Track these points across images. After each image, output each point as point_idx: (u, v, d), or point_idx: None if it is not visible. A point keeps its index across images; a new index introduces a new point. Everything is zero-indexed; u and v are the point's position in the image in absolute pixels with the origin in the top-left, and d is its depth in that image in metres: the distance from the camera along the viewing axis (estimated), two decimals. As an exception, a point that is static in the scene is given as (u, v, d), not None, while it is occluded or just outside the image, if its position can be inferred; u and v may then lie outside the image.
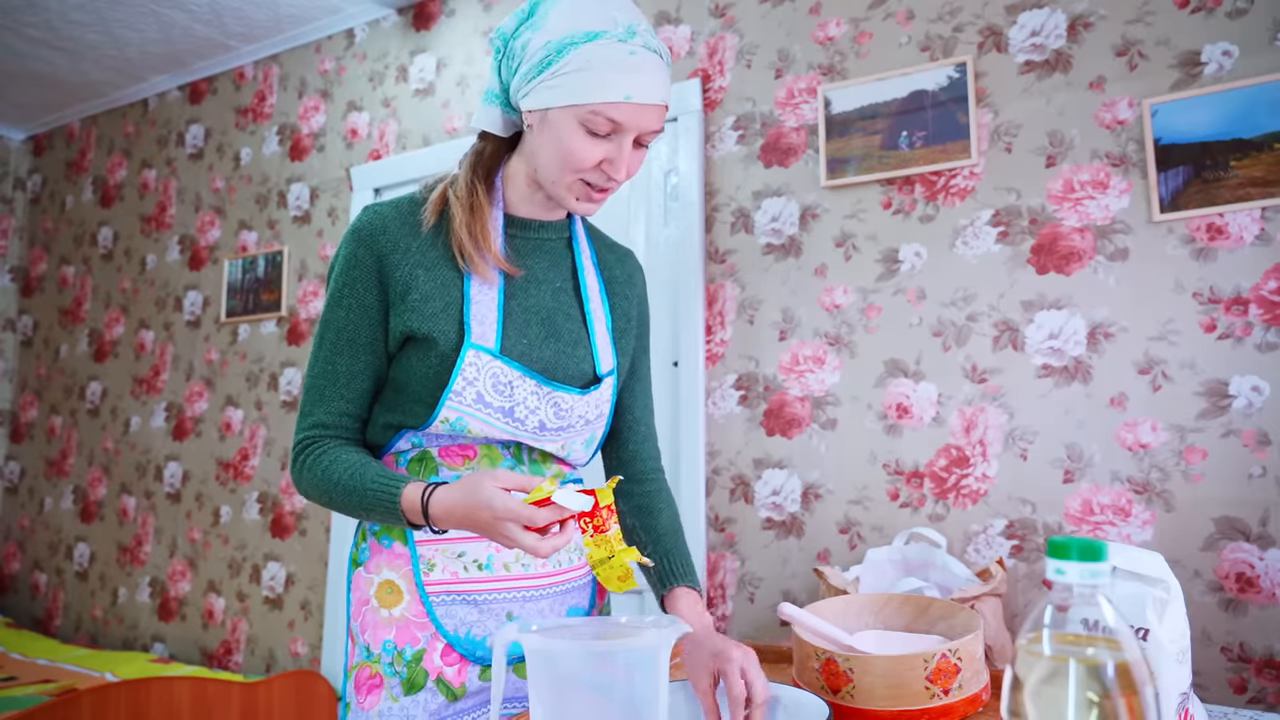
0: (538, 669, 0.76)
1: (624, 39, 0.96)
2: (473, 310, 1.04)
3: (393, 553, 1.07)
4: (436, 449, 1.08)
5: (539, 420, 1.07)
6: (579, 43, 0.95)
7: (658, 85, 0.98)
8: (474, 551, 1.07)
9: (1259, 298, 1.68)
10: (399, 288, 1.04)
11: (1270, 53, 1.71)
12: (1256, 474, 1.66)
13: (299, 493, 1.10)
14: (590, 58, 0.95)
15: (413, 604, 1.06)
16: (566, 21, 0.96)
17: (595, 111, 0.96)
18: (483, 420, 1.04)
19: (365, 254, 1.05)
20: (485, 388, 1.03)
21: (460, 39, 2.87)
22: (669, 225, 2.40)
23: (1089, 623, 0.54)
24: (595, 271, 1.18)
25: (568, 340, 1.11)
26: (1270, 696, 1.61)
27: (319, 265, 3.10)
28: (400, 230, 1.06)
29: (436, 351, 1.03)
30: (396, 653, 1.05)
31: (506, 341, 1.06)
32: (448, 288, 1.05)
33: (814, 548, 2.08)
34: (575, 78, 0.95)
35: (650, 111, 0.98)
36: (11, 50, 3.37)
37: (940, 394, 1.97)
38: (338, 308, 1.06)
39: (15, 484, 4.05)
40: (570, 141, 0.98)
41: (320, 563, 2.91)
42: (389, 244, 1.05)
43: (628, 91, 0.95)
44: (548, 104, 0.98)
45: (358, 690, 1.05)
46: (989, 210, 1.96)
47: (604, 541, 0.93)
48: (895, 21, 2.12)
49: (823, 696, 0.98)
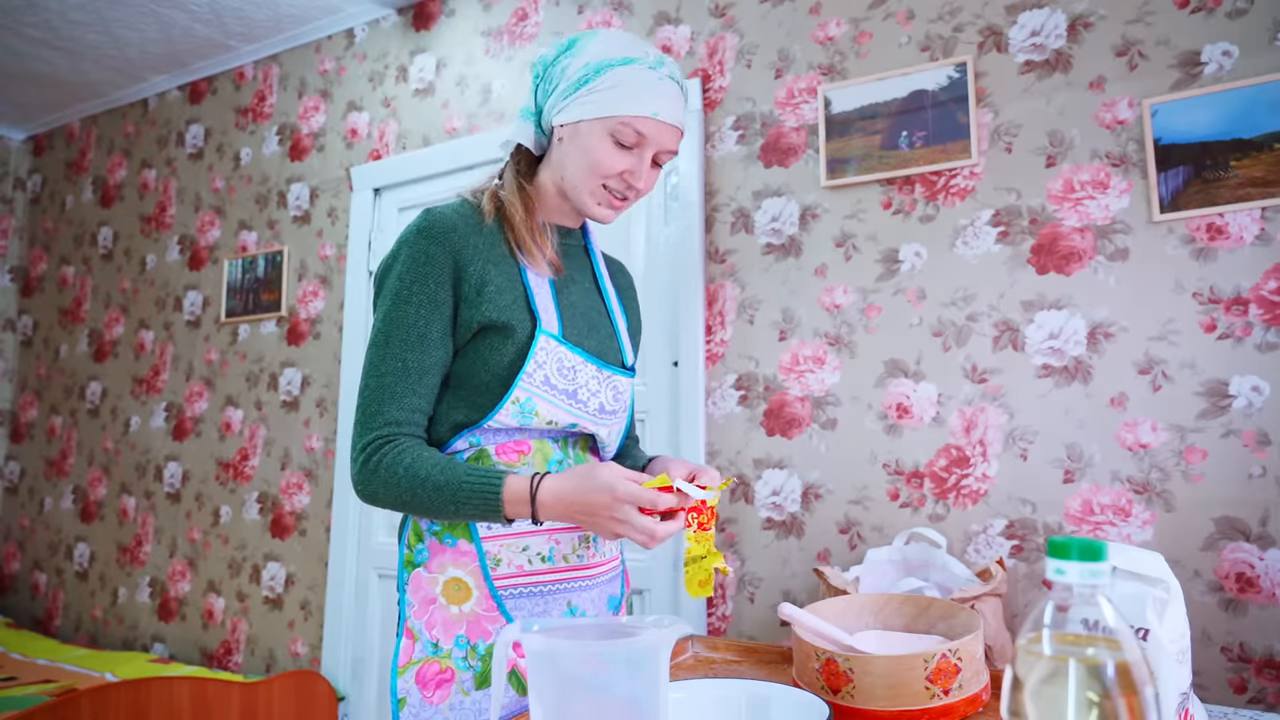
0: (538, 669, 0.76)
1: (654, 67, 1.10)
2: (537, 300, 1.13)
3: (458, 550, 1.11)
4: (494, 446, 1.13)
5: (599, 403, 1.17)
6: (615, 65, 1.09)
7: (678, 111, 1.12)
8: (537, 545, 1.12)
9: (1259, 298, 1.68)
10: (474, 281, 1.10)
11: (1270, 53, 1.71)
12: (1256, 474, 1.66)
13: (362, 495, 1.08)
14: (623, 77, 1.09)
15: (482, 599, 1.10)
16: (604, 49, 1.11)
17: (625, 123, 1.09)
18: (550, 402, 1.12)
19: (439, 251, 1.09)
20: (552, 371, 1.11)
21: (460, 39, 2.87)
22: (669, 225, 2.39)
23: (1089, 623, 0.54)
24: (609, 277, 1.31)
25: (605, 334, 1.22)
26: (1270, 696, 1.61)
27: (319, 265, 3.10)
28: (466, 229, 1.12)
29: (514, 339, 1.10)
30: (470, 647, 1.09)
31: (566, 329, 1.16)
32: (514, 282, 1.13)
33: (814, 548, 2.08)
34: (609, 93, 1.09)
35: (671, 131, 1.12)
36: (11, 50, 3.37)
37: (940, 394, 1.97)
38: (406, 305, 1.09)
39: (15, 484, 4.05)
40: (598, 150, 1.11)
41: (320, 563, 2.91)
42: (460, 241, 1.11)
43: (655, 109, 1.09)
44: (581, 116, 1.10)
45: (423, 686, 1.08)
46: (989, 210, 1.96)
47: (704, 539, 1.00)
48: (895, 21, 2.12)
49: (823, 696, 0.98)
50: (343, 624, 2.80)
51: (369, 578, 2.81)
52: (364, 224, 2.98)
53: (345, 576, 2.81)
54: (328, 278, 3.07)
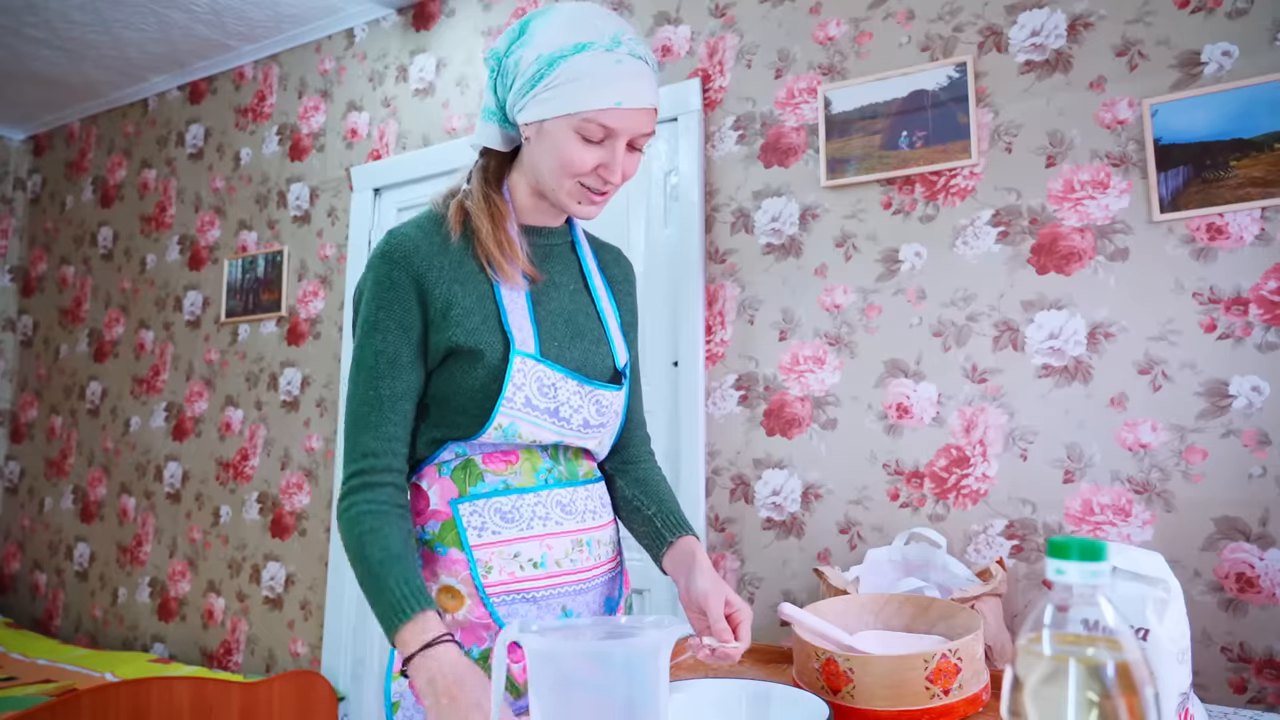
0: (538, 669, 0.76)
1: (610, 48, 1.01)
2: (510, 318, 1.08)
3: (449, 559, 1.09)
4: (480, 456, 1.11)
5: (583, 418, 1.13)
6: (568, 55, 1.00)
7: (645, 90, 1.03)
8: (528, 551, 1.10)
9: (1259, 298, 1.68)
10: (440, 305, 1.06)
11: (1270, 53, 1.71)
12: (1256, 474, 1.66)
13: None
14: (579, 68, 1.00)
15: (475, 606, 1.08)
16: (555, 36, 1.01)
17: (588, 119, 1.01)
18: (532, 423, 1.08)
19: (401, 275, 1.06)
20: (532, 391, 1.08)
21: (460, 39, 2.87)
22: (669, 225, 2.39)
23: (1089, 623, 0.54)
24: (599, 272, 1.24)
25: (591, 339, 1.16)
26: (1270, 696, 1.61)
27: (319, 265, 3.10)
28: (430, 249, 1.08)
29: (484, 363, 1.06)
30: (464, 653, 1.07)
31: (543, 345, 1.11)
32: (483, 300, 1.08)
33: (814, 548, 2.08)
34: (567, 88, 1.00)
35: (640, 115, 1.04)
36: (11, 50, 3.37)
37: (940, 394, 1.97)
38: (374, 333, 1.06)
39: (15, 484, 4.05)
40: (566, 149, 1.03)
41: (320, 563, 2.91)
42: (423, 263, 1.06)
43: (617, 98, 1.01)
44: (542, 115, 1.03)
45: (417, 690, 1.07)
46: (989, 210, 1.96)
47: None
48: (895, 21, 2.12)
49: (823, 696, 0.98)
50: (343, 624, 2.80)
51: (369, 578, 2.80)
52: (364, 224, 2.98)
53: (345, 576, 2.81)
54: (328, 278, 3.07)
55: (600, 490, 1.21)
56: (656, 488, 1.25)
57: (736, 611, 1.06)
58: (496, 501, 1.09)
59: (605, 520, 1.20)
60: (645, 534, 1.22)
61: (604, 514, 1.20)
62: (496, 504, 1.09)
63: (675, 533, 1.19)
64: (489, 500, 1.09)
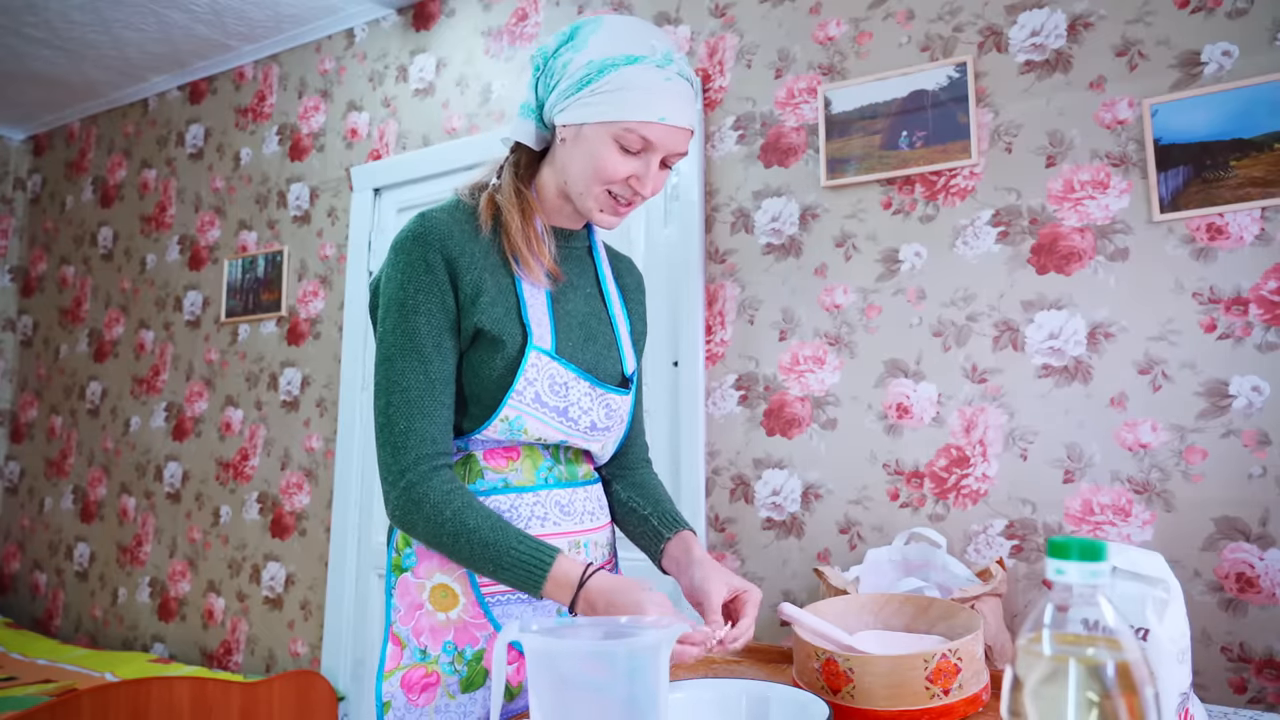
0: (538, 669, 0.76)
1: (661, 65, 1.03)
2: (530, 313, 1.09)
3: (444, 557, 1.08)
4: (481, 452, 1.11)
5: (591, 420, 1.13)
6: (619, 65, 1.02)
7: (688, 111, 1.05)
8: None
9: (1259, 298, 1.68)
10: (470, 290, 1.06)
11: (1270, 53, 1.71)
12: (1256, 474, 1.66)
13: (399, 524, 1.05)
14: (629, 79, 1.01)
15: (469, 606, 1.08)
16: (608, 45, 1.03)
17: (630, 129, 1.02)
18: (540, 420, 1.08)
19: (436, 257, 1.05)
20: (543, 388, 1.08)
21: (460, 39, 2.87)
22: (669, 225, 2.39)
23: (1089, 623, 0.54)
24: (613, 280, 1.26)
25: (603, 343, 1.17)
26: (1270, 696, 1.61)
27: (319, 265, 3.10)
28: (462, 235, 1.08)
29: (503, 353, 1.06)
30: (457, 653, 1.08)
31: (559, 343, 1.11)
32: (506, 293, 1.09)
33: (814, 548, 2.08)
34: (613, 96, 1.02)
35: (679, 134, 1.05)
36: (11, 50, 3.37)
37: (940, 394, 1.97)
38: (415, 314, 1.04)
39: (15, 484, 4.05)
40: (603, 155, 1.04)
41: (320, 563, 2.91)
42: (456, 248, 1.06)
43: (663, 113, 1.02)
44: (584, 119, 1.04)
45: (409, 690, 1.07)
46: (989, 210, 1.96)
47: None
48: (895, 21, 2.12)
49: (823, 696, 0.98)
50: (343, 624, 2.80)
51: (369, 578, 2.81)
52: (364, 224, 2.98)
53: (345, 576, 2.81)
54: (328, 278, 3.07)
55: (598, 492, 1.21)
56: (654, 491, 1.26)
57: (742, 593, 1.06)
58: (495, 500, 1.09)
59: (603, 522, 1.20)
60: (642, 534, 1.22)
61: (601, 516, 1.20)
62: (495, 502, 1.09)
63: (671, 529, 1.19)
64: (488, 498, 1.09)
